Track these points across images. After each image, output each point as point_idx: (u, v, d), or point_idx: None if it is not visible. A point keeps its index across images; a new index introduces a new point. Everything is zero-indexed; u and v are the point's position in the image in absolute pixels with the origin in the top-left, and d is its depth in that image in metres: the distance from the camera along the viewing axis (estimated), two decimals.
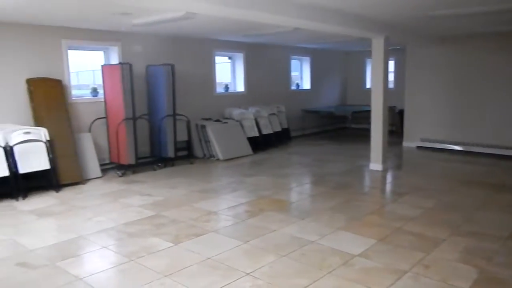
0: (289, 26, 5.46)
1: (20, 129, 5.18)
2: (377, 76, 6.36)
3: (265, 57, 9.43)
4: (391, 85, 9.46)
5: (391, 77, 9.64)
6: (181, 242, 3.63)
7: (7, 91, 5.60)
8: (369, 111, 6.64)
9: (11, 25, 5.58)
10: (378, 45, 6.29)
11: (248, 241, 3.62)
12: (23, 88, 5.71)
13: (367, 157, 6.67)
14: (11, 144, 5.05)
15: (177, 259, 3.30)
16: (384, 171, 6.35)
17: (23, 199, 5.00)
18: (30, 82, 5.72)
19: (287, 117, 9.43)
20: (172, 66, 6.69)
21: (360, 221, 4.16)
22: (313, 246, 3.50)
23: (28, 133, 5.20)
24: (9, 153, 5.01)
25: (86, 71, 8.30)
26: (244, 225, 4.07)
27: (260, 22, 4.90)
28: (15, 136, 5.09)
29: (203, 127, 7.47)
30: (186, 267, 3.14)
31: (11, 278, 3.02)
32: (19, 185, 5.03)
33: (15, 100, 5.66)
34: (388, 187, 5.80)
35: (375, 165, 6.44)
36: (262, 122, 8.48)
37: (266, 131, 8.51)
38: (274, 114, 8.92)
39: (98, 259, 3.38)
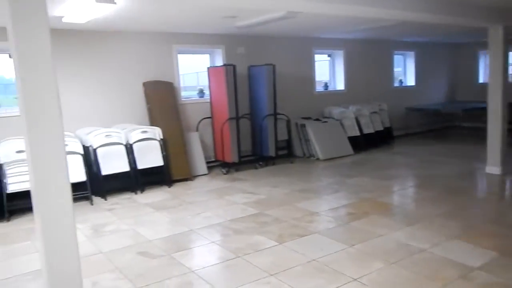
0: (394, 19, 5.22)
1: (138, 129, 5.69)
2: (495, 69, 5.77)
3: (366, 54, 9.12)
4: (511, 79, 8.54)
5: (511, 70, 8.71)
6: (285, 242, 3.67)
7: (127, 94, 6.19)
8: (483, 108, 6.05)
9: (130, 33, 6.15)
10: (496, 35, 5.70)
11: (353, 245, 3.54)
12: (140, 91, 6.27)
13: (481, 159, 6.10)
14: (131, 142, 5.58)
15: (281, 258, 3.35)
16: (504, 175, 5.75)
17: (141, 192, 5.50)
18: (146, 85, 6.25)
19: (390, 115, 9.02)
20: (273, 66, 6.80)
21: (477, 230, 3.82)
22: (425, 255, 3.30)
23: (145, 132, 5.69)
24: (129, 150, 5.54)
25: (190, 73, 8.82)
26: (348, 228, 3.99)
27: (363, 17, 4.76)
28: (134, 135, 5.61)
29: (303, 126, 7.48)
30: (291, 267, 3.17)
31: (135, 266, 3.33)
32: (138, 180, 5.54)
33: (133, 102, 6.23)
34: (509, 193, 5.24)
35: (493, 168, 5.85)
36: (363, 121, 8.23)
37: (367, 130, 8.24)
38: (375, 112, 8.59)
39: (208, 253, 3.57)
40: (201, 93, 7.13)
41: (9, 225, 4.48)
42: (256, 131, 7.09)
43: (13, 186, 4.67)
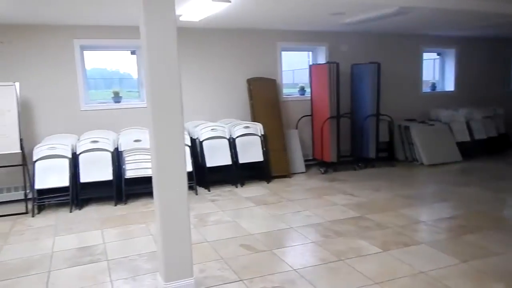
0: None
1: (241, 124, 5.88)
2: None
3: (480, 53, 8.37)
4: None
5: None
6: (389, 250, 3.52)
7: (232, 90, 6.42)
8: None
9: (236, 31, 6.35)
10: None
11: (466, 261, 3.27)
12: (244, 87, 6.45)
13: None
14: (234, 136, 5.78)
15: (387, 267, 3.22)
16: None
17: (241, 186, 5.68)
18: (250, 81, 6.42)
19: (506, 121, 8.18)
20: (378, 65, 6.54)
21: None
22: None
23: (247, 127, 5.86)
24: (232, 144, 5.75)
25: (285, 71, 8.85)
26: (459, 242, 3.70)
27: (487, 12, 4.36)
28: (237, 130, 5.80)
29: (407, 128, 7.10)
30: (397, 278, 3.03)
31: (238, 258, 3.45)
32: (239, 174, 5.72)
33: (237, 98, 6.45)
34: None
35: None
36: (474, 126, 7.57)
37: (479, 136, 7.57)
38: (489, 117, 7.85)
39: (309, 253, 3.56)
40: (302, 90, 7.13)
41: (127, 207, 4.93)
42: (357, 131, 6.90)
43: (130, 172, 5.11)
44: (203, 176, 5.56)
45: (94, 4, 4.37)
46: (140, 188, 5.15)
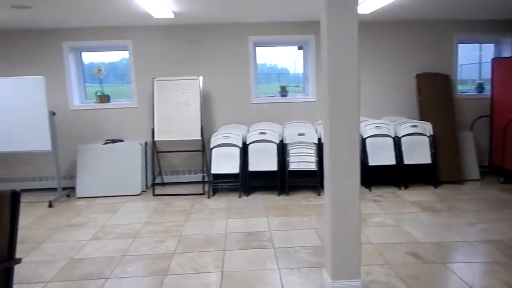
0: None
1: (407, 122, 5.54)
2: None
3: None
4: None
5: None
6: None
7: (398, 85, 6.09)
8: None
9: (405, 22, 5.97)
10: None
11: None
12: (412, 83, 6.06)
13: None
14: (399, 135, 5.49)
15: None
16: None
17: (405, 189, 5.38)
18: (419, 77, 5.99)
19: None
20: None
21: None
22: None
23: (414, 126, 5.49)
24: (397, 144, 5.47)
25: (464, 65, 7.99)
26: None
27: None
28: (403, 129, 5.49)
29: None
30: None
31: (406, 266, 3.27)
32: (403, 175, 5.43)
33: (404, 94, 6.10)
34: None
35: None
36: None
37: None
38: None
39: (491, 273, 3.16)
40: (480, 87, 6.36)
41: (289, 199, 5.14)
42: None
43: (293, 164, 5.30)
44: (364, 175, 5.43)
45: (267, 2, 4.61)
46: (302, 181, 5.30)
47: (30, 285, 3.14)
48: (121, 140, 5.93)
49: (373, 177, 5.43)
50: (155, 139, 5.53)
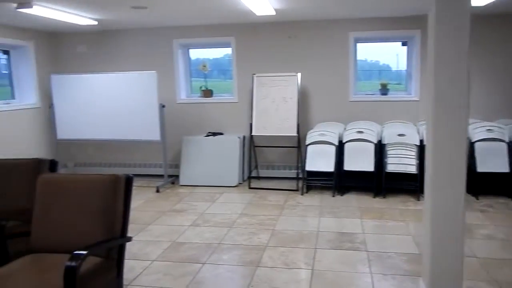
0: None
1: None
2: None
3: None
4: None
5: None
6: None
7: None
8: None
9: None
10: None
11: None
12: None
13: None
14: None
15: None
16: None
17: None
18: None
19: None
20: None
21: None
22: None
23: None
24: (511, 149, 4.96)
25: None
26: None
27: None
28: None
29: None
30: None
31: None
32: None
33: None
34: None
35: None
36: None
37: None
38: None
39: None
40: None
41: (385, 202, 4.96)
42: None
43: (391, 166, 5.09)
44: (471, 182, 4.98)
45: None
46: (400, 184, 5.07)
47: (138, 261, 3.48)
48: (221, 133, 6.22)
49: (481, 185, 4.98)
50: (253, 133, 5.70)
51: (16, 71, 6.15)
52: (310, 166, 5.34)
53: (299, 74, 5.60)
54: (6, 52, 6.06)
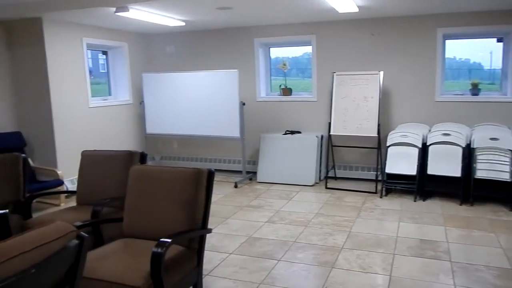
0: None
1: None
2: None
3: None
4: None
5: None
6: None
7: None
8: None
9: None
10: None
11: None
12: None
13: None
14: None
15: None
16: None
17: None
18: None
19: None
20: None
21: None
22: None
23: None
24: None
25: None
26: None
27: None
28: None
29: None
30: None
31: None
32: None
33: None
34: None
35: None
36: None
37: None
38: None
39: None
40: None
41: (473, 210, 4.63)
42: None
43: (481, 172, 4.73)
44: None
45: None
46: (491, 192, 4.70)
47: (217, 253, 3.63)
48: (299, 132, 6.23)
49: None
50: (331, 133, 5.64)
51: (112, 70, 6.71)
52: (391, 168, 5.15)
53: (381, 73, 5.41)
54: (104, 53, 6.64)
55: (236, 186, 5.84)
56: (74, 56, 5.64)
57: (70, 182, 5.41)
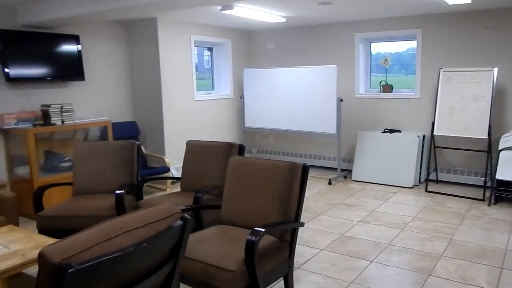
0: None
1: None
2: None
3: None
4: None
5: None
6: None
7: None
8: None
9: None
10: None
11: None
12: None
13: None
14: None
15: None
16: None
17: None
18: None
19: None
20: None
21: None
22: None
23: None
24: None
25: None
26: None
27: None
28: None
29: None
30: None
31: None
32: None
33: None
34: None
35: None
36: None
37: None
38: None
39: None
40: None
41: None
42: None
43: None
44: None
45: None
46: None
47: (308, 248, 3.66)
48: (399, 131, 5.96)
49: None
50: (434, 133, 5.30)
51: (216, 65, 7.08)
52: (502, 174, 4.68)
53: (495, 69, 4.94)
54: (209, 49, 7.03)
55: (330, 183, 5.80)
56: (183, 52, 6.07)
57: (175, 170, 5.86)
